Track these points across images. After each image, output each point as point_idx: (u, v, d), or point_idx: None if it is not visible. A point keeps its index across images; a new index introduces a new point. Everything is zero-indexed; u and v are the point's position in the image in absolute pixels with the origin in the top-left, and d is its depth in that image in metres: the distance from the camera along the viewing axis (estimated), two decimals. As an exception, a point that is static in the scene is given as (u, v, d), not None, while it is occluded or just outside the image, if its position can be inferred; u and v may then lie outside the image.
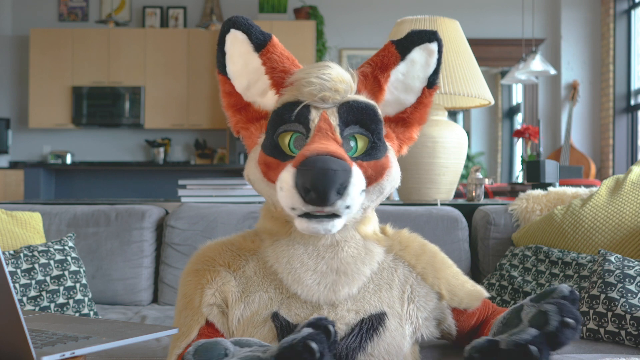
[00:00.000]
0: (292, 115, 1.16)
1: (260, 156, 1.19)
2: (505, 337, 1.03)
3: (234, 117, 1.26)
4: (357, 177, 1.09)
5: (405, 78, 1.25)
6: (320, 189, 1.03)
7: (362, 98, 1.20)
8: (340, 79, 1.17)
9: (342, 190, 1.06)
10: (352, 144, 1.18)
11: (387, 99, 1.25)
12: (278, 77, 1.22)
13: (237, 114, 1.26)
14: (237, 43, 1.22)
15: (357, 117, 1.18)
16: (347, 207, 1.08)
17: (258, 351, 0.96)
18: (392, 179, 1.21)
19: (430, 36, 1.24)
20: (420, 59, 1.24)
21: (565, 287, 1.09)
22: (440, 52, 1.25)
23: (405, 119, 1.27)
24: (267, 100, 1.24)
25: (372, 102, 1.21)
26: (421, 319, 1.23)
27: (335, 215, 1.09)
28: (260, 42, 1.22)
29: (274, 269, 1.19)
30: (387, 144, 1.23)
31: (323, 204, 1.06)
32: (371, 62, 1.25)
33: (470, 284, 1.31)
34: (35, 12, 7.14)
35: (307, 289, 1.16)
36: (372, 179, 1.17)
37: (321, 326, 0.94)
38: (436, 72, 1.26)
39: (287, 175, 1.08)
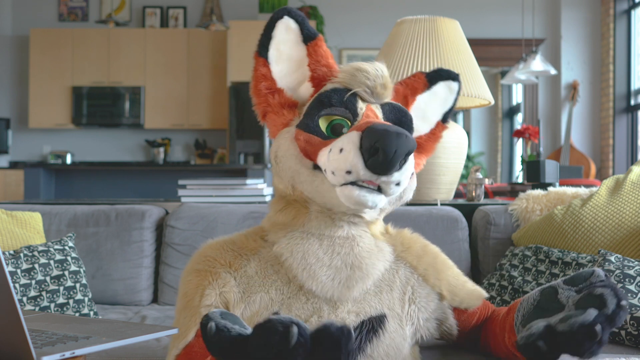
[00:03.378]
0: (341, 100, 1.17)
1: (299, 133, 1.18)
2: (560, 319, 1.00)
3: (265, 100, 1.25)
4: (412, 158, 1.12)
5: (426, 107, 1.33)
6: (391, 150, 1.02)
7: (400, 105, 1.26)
8: (388, 79, 1.22)
9: (403, 163, 1.07)
10: None
11: None
12: (320, 70, 1.24)
13: (270, 96, 1.25)
14: (288, 30, 1.25)
15: (398, 117, 1.22)
16: (397, 185, 1.09)
17: None
18: (413, 185, 1.23)
19: (455, 76, 1.34)
20: (442, 93, 1.33)
21: (601, 271, 1.08)
22: (458, 92, 1.34)
23: (417, 145, 1.30)
24: (302, 90, 1.26)
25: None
26: (422, 319, 1.23)
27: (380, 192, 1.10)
28: (310, 35, 1.25)
29: (288, 264, 1.18)
30: None
31: (385, 170, 1.05)
32: (403, 82, 1.32)
33: (470, 284, 1.32)
34: (35, 12, 7.14)
35: (321, 285, 1.15)
36: None
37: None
38: (451, 109, 1.35)
39: (353, 136, 1.07)
